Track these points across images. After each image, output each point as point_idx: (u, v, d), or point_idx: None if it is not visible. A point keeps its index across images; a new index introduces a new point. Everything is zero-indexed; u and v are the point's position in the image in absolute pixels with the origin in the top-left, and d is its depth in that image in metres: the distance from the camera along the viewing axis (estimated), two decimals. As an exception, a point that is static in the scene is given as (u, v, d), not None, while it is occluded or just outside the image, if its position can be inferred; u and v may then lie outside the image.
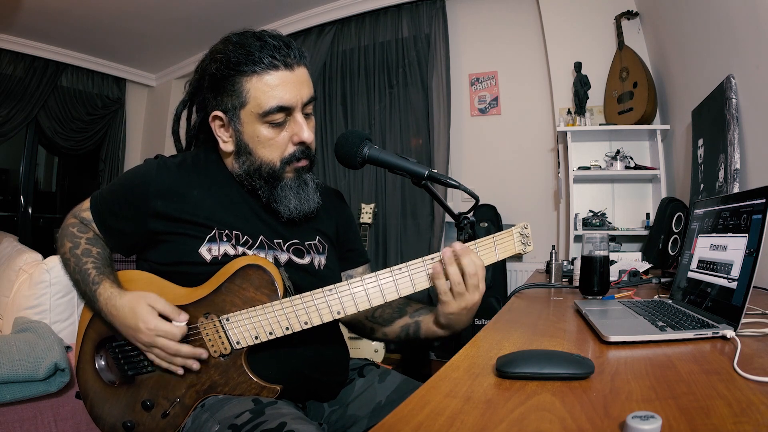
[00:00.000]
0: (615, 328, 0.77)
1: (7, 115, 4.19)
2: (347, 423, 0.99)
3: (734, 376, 0.55)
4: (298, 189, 0.95)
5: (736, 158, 1.66)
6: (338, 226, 1.11)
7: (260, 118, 0.89)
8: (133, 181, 0.96)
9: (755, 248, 0.74)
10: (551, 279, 1.68)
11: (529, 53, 3.27)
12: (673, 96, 2.54)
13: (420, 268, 0.86)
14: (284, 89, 0.88)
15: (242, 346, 0.86)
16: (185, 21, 3.95)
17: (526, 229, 0.92)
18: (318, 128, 3.88)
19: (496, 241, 0.89)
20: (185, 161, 0.98)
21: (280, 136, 0.91)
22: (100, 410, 0.92)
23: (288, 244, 0.98)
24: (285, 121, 0.90)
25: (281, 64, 0.87)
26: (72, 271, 0.94)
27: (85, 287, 0.91)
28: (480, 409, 0.49)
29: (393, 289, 0.85)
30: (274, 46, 0.87)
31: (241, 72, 0.87)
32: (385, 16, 3.69)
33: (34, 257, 1.88)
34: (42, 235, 4.70)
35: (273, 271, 0.87)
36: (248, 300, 0.86)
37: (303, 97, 0.90)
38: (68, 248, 0.95)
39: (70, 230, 0.98)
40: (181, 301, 0.88)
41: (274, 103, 0.87)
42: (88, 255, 0.93)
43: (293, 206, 0.94)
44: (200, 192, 0.94)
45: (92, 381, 0.93)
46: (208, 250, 0.90)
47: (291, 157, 0.92)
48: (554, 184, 3.15)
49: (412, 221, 3.51)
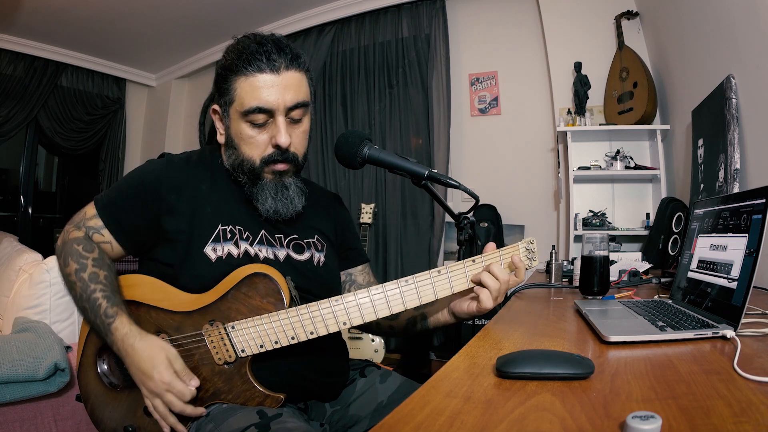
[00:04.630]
0: (615, 328, 0.77)
1: (7, 115, 4.19)
2: (349, 423, 0.99)
3: (734, 376, 0.55)
4: (276, 191, 0.96)
5: (736, 158, 1.66)
6: (337, 228, 1.12)
7: (243, 117, 0.91)
8: (143, 179, 0.96)
9: (755, 248, 0.74)
10: (551, 279, 1.68)
11: (529, 53, 3.27)
12: (673, 96, 2.54)
13: (426, 280, 0.86)
14: (266, 92, 0.89)
15: (247, 354, 0.86)
16: (185, 21, 3.95)
17: (532, 244, 0.92)
18: (318, 128, 3.88)
19: (503, 256, 0.89)
20: (191, 158, 1.01)
21: (260, 137, 0.93)
22: (100, 414, 0.92)
23: (288, 240, 1.00)
24: (266, 123, 0.92)
25: (267, 67, 0.89)
26: (78, 297, 0.91)
27: (95, 318, 0.88)
28: (480, 409, 0.49)
29: (399, 301, 0.86)
30: (265, 50, 0.89)
31: (233, 71, 0.91)
32: (385, 16, 3.69)
33: (34, 257, 1.88)
34: (42, 235, 4.70)
35: (279, 280, 0.87)
36: (254, 308, 0.86)
37: (286, 102, 0.90)
38: (74, 270, 0.92)
39: (75, 248, 0.94)
40: (186, 308, 0.88)
41: (254, 103, 0.89)
42: (96, 281, 0.90)
43: (269, 206, 0.95)
44: (207, 186, 0.97)
45: (93, 384, 0.93)
46: (213, 249, 0.91)
47: (269, 158, 0.94)
48: (554, 184, 3.15)
49: (412, 221, 3.51)
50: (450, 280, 0.87)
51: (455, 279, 0.88)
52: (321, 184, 3.34)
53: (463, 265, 0.88)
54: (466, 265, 0.88)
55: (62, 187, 5.13)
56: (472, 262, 0.88)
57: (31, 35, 4.13)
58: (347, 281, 1.13)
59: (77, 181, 5.18)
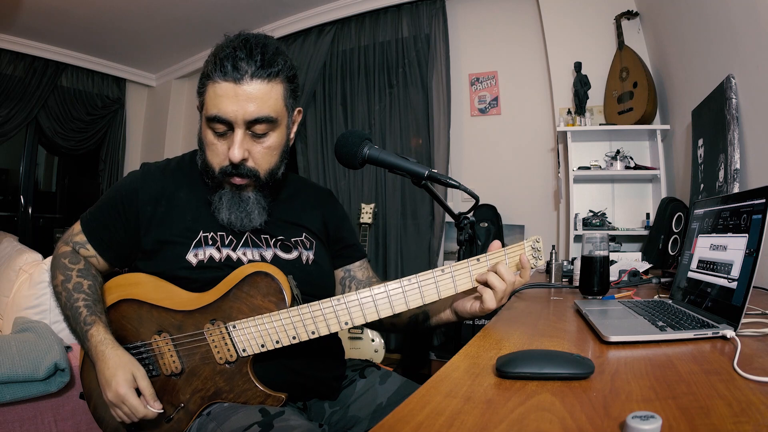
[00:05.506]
0: (615, 328, 0.76)
1: (7, 115, 4.19)
2: (348, 424, 0.99)
3: (734, 376, 0.55)
4: (231, 203, 0.93)
5: (736, 158, 1.66)
6: (328, 225, 1.10)
7: (207, 123, 0.90)
8: (120, 192, 0.97)
9: (755, 248, 0.74)
10: (551, 279, 1.68)
11: (529, 53, 3.27)
12: (673, 96, 2.54)
13: (430, 280, 0.85)
14: (225, 101, 0.85)
15: (248, 354, 0.86)
16: (185, 21, 3.95)
17: (538, 243, 0.91)
18: (318, 128, 3.88)
19: (508, 254, 0.88)
20: (169, 165, 1.01)
21: (220, 145, 0.90)
22: (103, 412, 0.93)
23: (274, 240, 0.99)
24: (226, 133, 0.89)
25: (230, 76, 0.85)
26: (63, 306, 0.94)
27: (76, 325, 0.90)
28: (480, 409, 0.49)
29: (402, 301, 0.85)
30: (234, 56, 0.85)
31: (206, 74, 0.89)
32: (385, 16, 3.69)
33: (34, 257, 1.88)
34: (42, 235, 4.70)
35: (281, 279, 0.87)
36: (255, 307, 0.86)
37: (246, 115, 0.86)
38: (60, 281, 0.95)
39: (62, 261, 0.97)
40: (188, 307, 0.89)
41: (213, 112, 0.87)
42: (80, 290, 0.92)
43: (224, 217, 0.93)
44: (185, 193, 0.97)
45: (96, 383, 0.93)
46: (194, 255, 0.92)
47: (225, 169, 0.91)
48: (554, 184, 3.15)
49: (412, 221, 3.51)
50: (454, 279, 0.86)
51: (459, 278, 0.86)
52: (321, 184, 3.33)
53: (467, 264, 0.87)
54: (470, 264, 0.87)
55: (62, 187, 5.13)
56: (476, 261, 0.87)
57: (31, 35, 4.12)
58: (346, 277, 1.12)
59: (77, 181, 5.18)
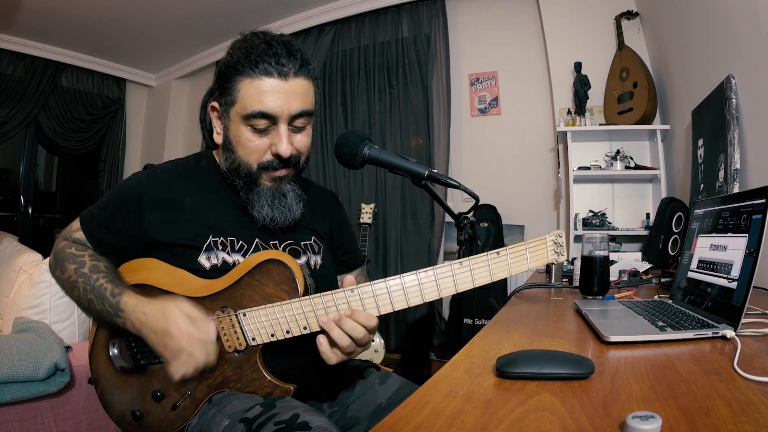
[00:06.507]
0: (615, 328, 0.76)
1: (7, 115, 4.19)
2: (347, 424, 0.99)
3: (734, 376, 0.55)
4: (273, 199, 0.93)
5: (736, 158, 1.65)
6: (332, 227, 1.10)
7: (244, 120, 0.88)
8: (124, 194, 0.95)
9: (755, 248, 0.74)
10: (551, 279, 1.68)
11: (529, 53, 3.27)
12: (673, 96, 2.54)
13: (447, 273, 0.82)
14: (271, 97, 0.86)
15: (257, 343, 0.85)
16: (185, 21, 3.95)
17: (561, 237, 0.85)
18: (318, 128, 3.88)
19: (529, 248, 0.83)
20: (176, 169, 0.98)
21: (260, 141, 0.90)
22: (110, 397, 0.92)
23: (284, 245, 0.98)
24: (267, 129, 0.89)
25: (275, 72, 0.86)
26: (81, 294, 0.90)
27: (103, 303, 0.87)
28: (480, 409, 0.49)
29: (417, 293, 0.81)
30: (275, 53, 0.86)
31: (238, 71, 0.87)
32: (385, 16, 3.69)
33: (34, 257, 1.88)
34: (42, 235, 4.70)
35: (294, 267, 0.85)
36: (267, 296, 0.85)
37: (291, 110, 0.87)
38: (73, 270, 0.92)
39: (68, 252, 0.94)
40: (198, 293, 0.88)
41: (258, 108, 0.86)
42: (97, 271, 0.90)
43: (266, 214, 0.93)
44: (193, 199, 0.94)
45: (104, 367, 0.93)
46: (207, 258, 0.91)
47: (268, 164, 0.91)
48: (554, 184, 3.15)
49: (412, 221, 3.51)
50: (472, 273, 0.82)
51: (477, 272, 0.82)
52: (321, 184, 3.33)
53: (486, 258, 0.82)
54: (489, 258, 0.82)
55: (62, 187, 5.13)
56: (496, 255, 0.82)
57: (31, 35, 4.12)
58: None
59: (77, 181, 5.18)
